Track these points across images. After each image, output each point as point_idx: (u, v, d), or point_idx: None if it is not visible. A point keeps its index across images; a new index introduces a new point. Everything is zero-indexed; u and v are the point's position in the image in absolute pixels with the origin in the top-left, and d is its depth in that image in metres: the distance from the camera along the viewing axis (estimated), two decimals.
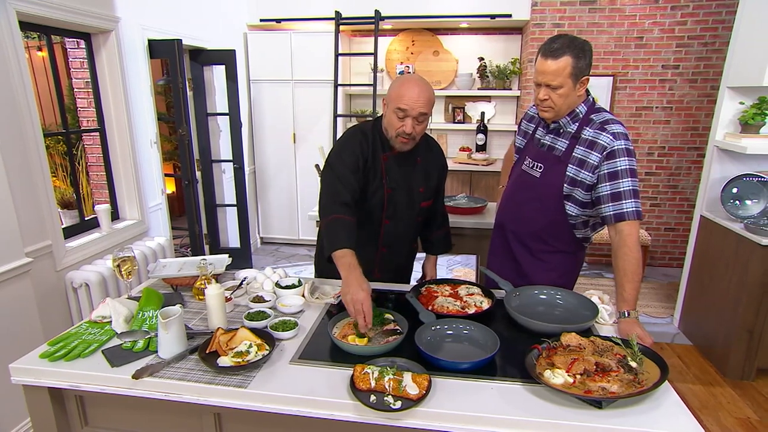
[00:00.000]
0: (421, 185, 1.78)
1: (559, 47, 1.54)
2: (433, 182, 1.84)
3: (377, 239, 1.80)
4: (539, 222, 1.74)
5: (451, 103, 4.88)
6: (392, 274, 1.90)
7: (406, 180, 1.75)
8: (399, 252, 1.87)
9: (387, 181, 1.70)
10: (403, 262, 1.96)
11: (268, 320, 1.46)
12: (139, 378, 1.22)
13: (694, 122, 4.14)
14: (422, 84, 1.59)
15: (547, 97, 1.59)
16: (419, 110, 1.56)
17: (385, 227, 1.78)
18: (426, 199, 1.82)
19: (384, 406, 1.10)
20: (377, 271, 1.87)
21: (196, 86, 3.97)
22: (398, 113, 1.58)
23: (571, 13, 4.08)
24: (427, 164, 1.81)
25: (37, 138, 2.27)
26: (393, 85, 1.63)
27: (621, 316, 1.48)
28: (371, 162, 1.68)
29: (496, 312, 1.58)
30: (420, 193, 1.78)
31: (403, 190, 1.74)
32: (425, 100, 1.57)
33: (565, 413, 1.10)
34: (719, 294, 2.88)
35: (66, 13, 2.43)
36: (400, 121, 1.58)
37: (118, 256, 1.65)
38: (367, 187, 1.69)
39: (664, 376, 1.17)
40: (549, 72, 1.55)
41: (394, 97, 1.59)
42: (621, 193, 1.54)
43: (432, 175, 1.83)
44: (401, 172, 1.73)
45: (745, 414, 2.47)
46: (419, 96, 1.55)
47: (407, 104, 1.55)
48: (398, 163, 1.73)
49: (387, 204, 1.73)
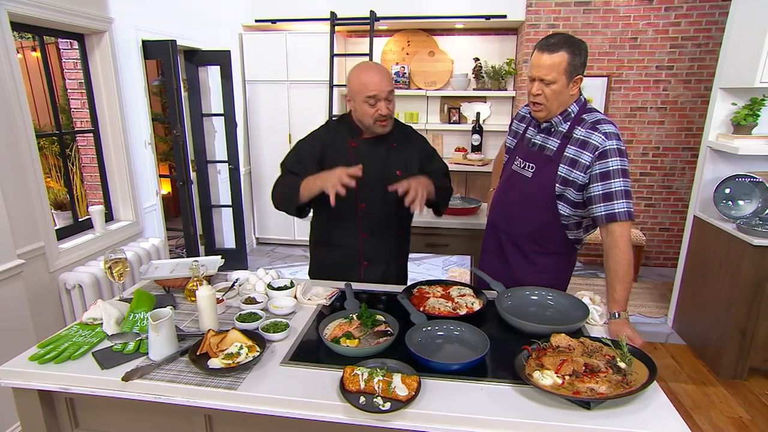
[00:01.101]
0: (398, 168, 1.79)
1: (556, 42, 1.55)
2: (415, 165, 1.84)
3: (356, 225, 1.82)
4: (531, 223, 1.74)
5: (447, 103, 4.89)
6: (382, 263, 1.87)
7: (380, 163, 1.78)
8: (383, 239, 1.84)
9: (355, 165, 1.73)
10: (391, 250, 1.90)
11: (259, 322, 1.46)
12: (129, 380, 1.22)
13: (688, 123, 4.16)
14: (378, 66, 1.70)
15: (540, 92, 1.59)
16: (386, 90, 1.66)
17: (362, 212, 1.80)
18: None
19: (373, 408, 1.10)
20: (363, 260, 1.85)
21: (191, 87, 3.97)
22: (369, 101, 1.66)
23: (565, 13, 4.09)
24: (404, 149, 1.84)
25: (29, 139, 2.26)
26: (351, 79, 1.70)
27: (611, 317, 1.48)
28: (333, 147, 1.78)
29: (488, 313, 1.59)
30: (398, 176, 1.74)
31: (376, 173, 1.76)
32: (387, 79, 1.67)
33: (554, 414, 1.11)
34: (712, 294, 2.89)
35: (58, 13, 2.43)
36: (373, 108, 1.67)
37: (110, 258, 1.65)
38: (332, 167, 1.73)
39: (652, 376, 1.18)
40: (544, 66, 1.56)
41: (359, 89, 1.66)
42: (613, 193, 1.54)
43: (412, 159, 1.84)
44: (374, 156, 1.78)
45: (737, 413, 2.49)
46: (381, 78, 1.65)
47: (375, 90, 1.64)
48: (371, 147, 1.78)
49: (359, 188, 1.72)
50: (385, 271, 1.89)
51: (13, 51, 2.18)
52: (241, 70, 4.60)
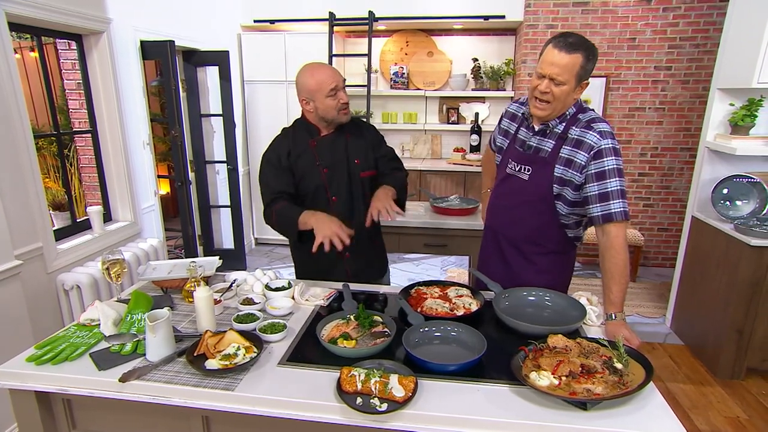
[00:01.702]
0: (356, 157, 1.88)
1: (574, 43, 1.49)
2: (369, 153, 1.93)
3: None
4: (531, 224, 1.74)
5: (446, 103, 4.89)
6: (362, 251, 1.91)
7: (341, 155, 1.86)
8: (360, 229, 1.83)
9: (321, 163, 1.84)
10: (368, 236, 1.92)
11: (257, 323, 1.46)
12: (126, 381, 1.22)
13: (687, 123, 4.16)
14: (323, 63, 1.83)
15: (549, 90, 1.53)
16: (341, 79, 1.77)
17: (335, 205, 1.86)
18: (365, 169, 1.91)
19: (370, 409, 1.10)
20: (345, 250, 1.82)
21: (189, 87, 3.96)
22: (331, 94, 1.75)
23: (564, 14, 4.10)
24: (358, 138, 1.92)
25: (27, 139, 2.26)
26: (304, 81, 1.77)
27: (608, 318, 1.48)
28: (295, 151, 1.84)
29: (485, 314, 1.59)
30: (357, 164, 1.88)
31: (339, 166, 1.85)
32: (336, 72, 1.78)
33: (551, 415, 1.11)
34: (710, 294, 2.90)
35: (56, 14, 2.43)
36: (335, 99, 1.76)
37: (108, 258, 1.65)
38: (301, 174, 1.84)
39: (648, 377, 1.18)
40: (558, 65, 1.49)
41: (318, 87, 1.75)
42: (609, 193, 1.53)
43: (365, 148, 1.92)
44: (333, 150, 1.86)
45: (735, 413, 2.49)
46: (333, 71, 1.77)
47: (334, 81, 1.74)
48: (329, 143, 1.86)
49: (328, 182, 1.85)
50: (367, 259, 1.96)
51: (11, 51, 2.18)
52: (239, 71, 4.60)
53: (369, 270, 1.98)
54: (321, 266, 1.88)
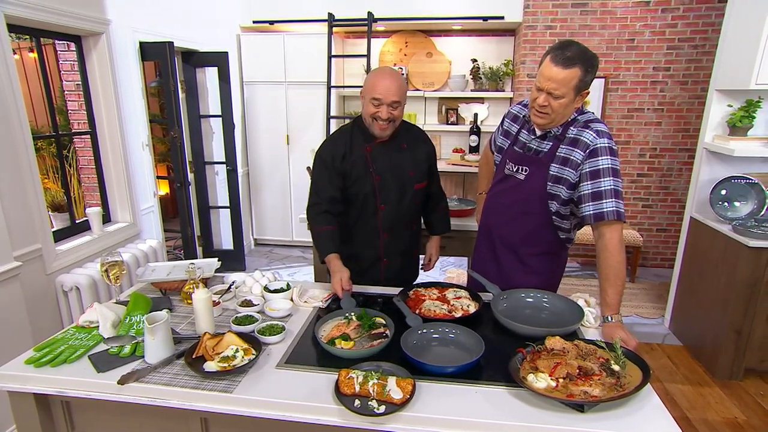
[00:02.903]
0: (410, 169, 1.88)
1: (572, 56, 1.48)
2: (423, 165, 1.92)
3: (377, 226, 1.88)
4: (525, 225, 1.74)
5: (445, 104, 4.89)
6: (399, 258, 1.96)
7: (395, 165, 1.85)
8: (400, 236, 1.92)
9: (374, 170, 1.82)
10: (407, 246, 1.98)
11: (255, 324, 1.47)
12: (124, 383, 1.22)
13: (685, 124, 4.17)
14: (394, 75, 1.74)
15: (547, 103, 1.55)
16: (392, 98, 1.71)
17: (382, 213, 1.86)
18: (418, 181, 1.91)
19: (368, 411, 1.11)
20: (384, 257, 1.93)
21: (188, 88, 3.97)
22: (374, 102, 1.72)
23: (563, 15, 4.10)
24: (414, 149, 1.91)
25: (26, 140, 2.26)
26: (368, 78, 1.76)
27: (604, 320, 1.49)
28: (350, 155, 1.82)
29: (484, 315, 1.59)
30: (410, 176, 1.88)
31: (392, 176, 1.85)
32: (396, 89, 1.71)
33: (548, 417, 1.11)
34: (708, 295, 2.90)
35: (55, 15, 2.43)
36: (375, 108, 1.73)
37: (107, 260, 1.65)
38: (353, 179, 1.83)
39: (645, 379, 1.19)
40: (555, 80, 1.49)
41: (369, 89, 1.73)
42: (602, 192, 1.53)
43: (420, 159, 1.91)
44: (388, 159, 1.84)
45: (733, 414, 2.50)
46: (391, 85, 1.70)
47: (381, 94, 1.70)
48: (384, 151, 1.84)
49: (379, 191, 1.84)
50: (402, 265, 1.98)
51: (10, 52, 2.18)
52: (238, 71, 4.60)
53: (402, 274, 2.00)
54: (360, 266, 1.91)
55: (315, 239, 1.84)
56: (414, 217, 1.98)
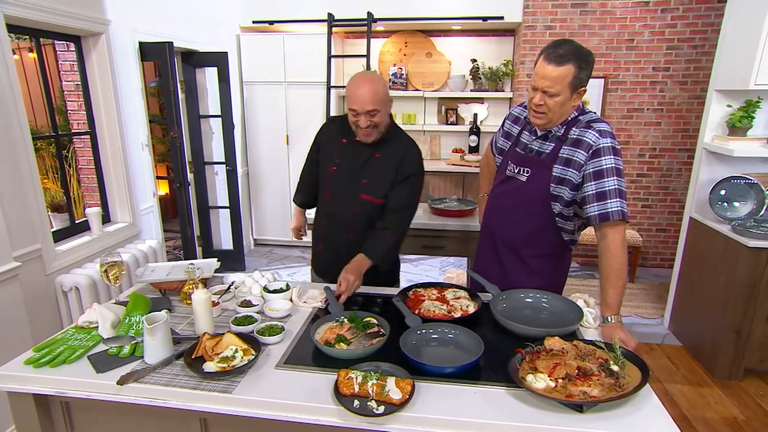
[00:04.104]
0: (366, 177, 1.82)
1: (564, 54, 1.48)
2: (386, 182, 1.80)
3: (322, 212, 1.98)
4: (528, 226, 1.74)
5: (444, 104, 4.89)
6: (331, 253, 1.94)
7: (353, 166, 1.84)
8: (337, 235, 1.90)
9: (334, 161, 1.88)
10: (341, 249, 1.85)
11: (255, 325, 1.47)
12: (124, 384, 1.22)
13: (685, 124, 4.17)
14: (369, 82, 1.69)
15: (543, 102, 1.55)
16: (366, 108, 1.68)
17: (327, 203, 1.92)
18: (369, 193, 1.81)
19: (367, 411, 1.11)
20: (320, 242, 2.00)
21: (188, 88, 3.97)
22: (352, 112, 1.72)
23: (562, 15, 4.10)
24: (385, 162, 1.80)
25: (25, 140, 2.26)
26: (347, 85, 1.75)
27: (604, 320, 1.49)
28: (328, 141, 1.92)
29: (483, 316, 1.59)
30: (362, 184, 1.81)
31: (346, 174, 1.85)
32: (370, 98, 1.66)
33: (547, 417, 1.11)
34: (708, 295, 2.91)
35: (55, 16, 2.43)
36: (354, 118, 1.73)
37: (106, 261, 1.65)
38: (321, 160, 1.94)
39: (645, 379, 1.19)
40: (549, 78, 1.50)
41: (347, 98, 1.74)
42: (606, 192, 1.52)
43: (386, 175, 1.80)
44: (352, 158, 1.85)
45: (733, 414, 2.50)
46: (364, 94, 1.67)
47: (356, 104, 1.68)
48: (354, 149, 1.85)
49: (329, 181, 1.89)
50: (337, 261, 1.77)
51: (9, 53, 2.18)
52: (238, 72, 4.60)
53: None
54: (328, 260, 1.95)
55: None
56: (355, 227, 1.85)
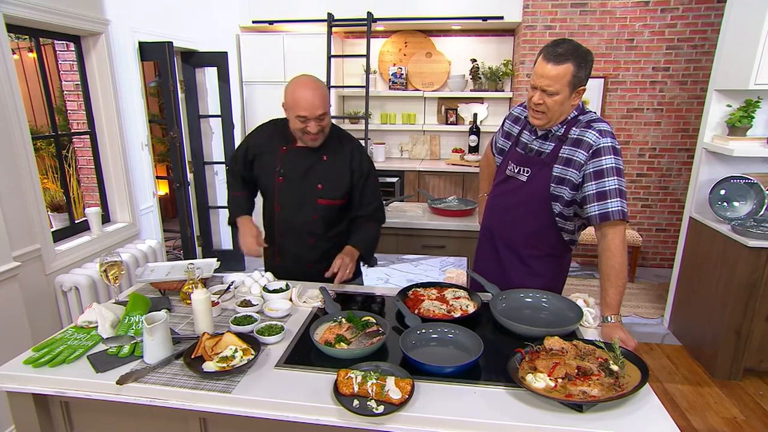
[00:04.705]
0: (320, 182, 1.80)
1: (563, 52, 1.49)
2: (342, 183, 1.81)
3: (273, 224, 1.91)
4: (528, 226, 1.74)
5: (444, 104, 4.89)
6: (290, 262, 1.92)
7: (303, 173, 1.80)
8: (295, 243, 1.88)
9: (279, 171, 1.82)
10: (303, 255, 1.89)
11: (254, 324, 1.47)
12: (123, 384, 1.22)
13: (684, 124, 4.17)
14: (314, 86, 1.67)
15: (542, 101, 1.55)
16: (317, 113, 1.65)
17: (278, 214, 1.87)
18: (327, 197, 1.81)
19: (367, 411, 1.11)
20: (277, 256, 1.96)
21: (188, 88, 3.96)
22: (300, 119, 1.67)
23: (562, 15, 4.11)
24: (335, 163, 1.81)
25: (25, 140, 2.26)
26: (287, 92, 1.70)
27: (604, 320, 1.49)
28: (264, 148, 1.86)
29: (483, 315, 1.59)
30: (318, 189, 1.80)
31: (296, 182, 1.81)
32: (320, 101, 1.65)
33: (547, 417, 1.11)
34: (708, 295, 2.91)
35: (54, 16, 2.43)
36: (303, 124, 1.68)
37: (105, 261, 1.65)
38: (260, 174, 1.88)
39: (644, 379, 1.19)
40: (548, 76, 1.50)
41: (291, 105, 1.67)
42: (606, 192, 1.53)
43: (340, 175, 1.81)
44: (299, 165, 1.80)
45: (732, 414, 2.50)
46: (314, 99, 1.64)
47: (306, 110, 1.64)
48: (299, 156, 1.81)
49: (277, 192, 1.84)
50: (299, 272, 1.88)
51: (9, 53, 2.18)
52: (238, 72, 4.60)
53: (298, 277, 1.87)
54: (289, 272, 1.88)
55: (228, 203, 1.99)
56: (315, 232, 1.86)
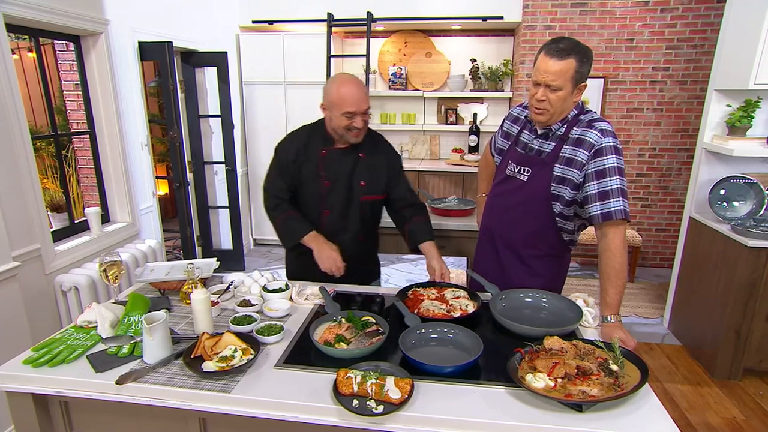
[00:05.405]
0: (362, 179, 1.84)
1: (565, 48, 1.50)
2: (380, 177, 1.88)
3: (320, 229, 1.87)
4: (528, 226, 1.74)
5: (444, 104, 4.89)
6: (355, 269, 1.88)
7: (347, 173, 1.82)
8: (345, 245, 1.87)
9: (325, 174, 1.82)
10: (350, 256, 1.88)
11: (254, 324, 1.47)
12: (122, 384, 1.22)
13: (684, 124, 4.17)
14: (357, 82, 1.73)
15: (545, 98, 1.55)
16: (364, 107, 1.71)
17: (326, 218, 1.86)
18: (369, 193, 1.87)
19: (366, 411, 1.11)
20: None
21: (187, 88, 3.96)
22: (347, 115, 1.70)
23: (562, 15, 4.10)
24: (372, 159, 1.87)
25: (24, 140, 2.26)
26: (331, 90, 1.72)
27: (604, 320, 1.49)
28: (304, 155, 1.84)
29: (482, 315, 1.59)
30: (361, 186, 1.84)
31: (342, 183, 1.83)
32: (365, 96, 1.72)
33: (546, 417, 1.11)
34: (707, 295, 2.90)
35: (54, 15, 2.42)
36: (349, 120, 1.71)
37: (105, 261, 1.65)
38: (302, 180, 1.85)
39: (644, 379, 1.19)
40: (552, 71, 1.51)
41: (337, 102, 1.70)
42: (609, 191, 1.53)
43: (378, 170, 1.87)
44: (341, 166, 1.83)
45: (732, 414, 2.50)
46: (359, 94, 1.70)
47: (353, 105, 1.69)
48: (339, 156, 1.83)
49: (326, 195, 1.84)
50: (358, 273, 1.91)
51: (9, 53, 2.18)
52: (238, 72, 4.60)
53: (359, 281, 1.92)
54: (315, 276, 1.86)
55: (282, 227, 1.86)
56: (362, 229, 1.91)
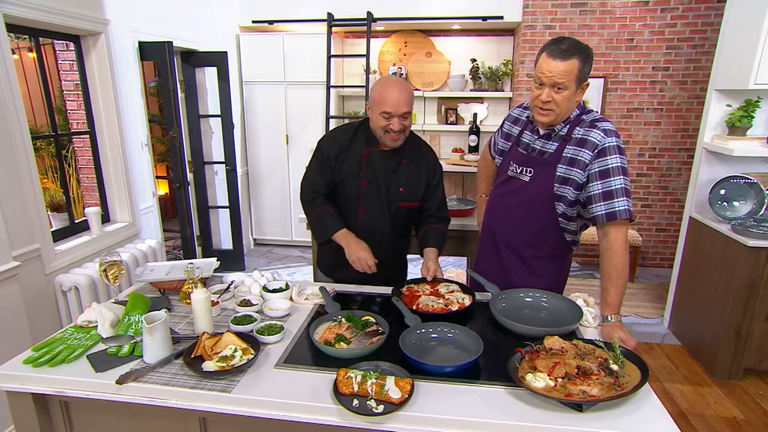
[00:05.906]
0: (402, 185, 1.84)
1: (568, 49, 1.50)
2: (419, 184, 1.87)
3: (356, 230, 1.86)
4: (530, 227, 1.73)
5: (444, 104, 4.89)
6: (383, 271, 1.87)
7: (386, 177, 1.82)
8: (378, 245, 1.86)
9: (365, 175, 1.82)
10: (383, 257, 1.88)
11: (254, 324, 1.47)
12: (122, 383, 1.22)
13: (684, 124, 4.17)
14: (402, 85, 1.72)
15: (551, 98, 1.54)
16: (402, 110, 1.69)
17: (362, 218, 1.87)
18: (407, 200, 1.87)
19: (366, 411, 1.11)
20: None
21: (187, 88, 3.96)
22: (384, 116, 1.70)
23: (562, 15, 4.10)
24: (415, 167, 1.86)
25: (24, 140, 2.26)
26: (375, 90, 1.73)
27: (604, 320, 1.49)
28: (346, 153, 1.83)
29: (482, 315, 1.59)
30: (399, 192, 1.84)
31: (380, 186, 1.83)
32: (405, 99, 1.70)
33: (547, 417, 1.11)
34: (708, 295, 2.90)
35: (54, 15, 2.42)
36: (386, 121, 1.71)
37: (105, 260, 1.65)
38: (342, 177, 1.84)
39: (644, 379, 1.19)
40: (557, 72, 1.50)
41: (378, 101, 1.70)
42: (613, 191, 1.52)
43: (418, 177, 1.86)
44: (382, 169, 1.82)
45: (732, 413, 2.50)
46: (400, 96, 1.68)
47: (392, 107, 1.68)
48: (382, 159, 1.82)
49: (363, 195, 1.84)
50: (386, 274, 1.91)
51: (9, 53, 2.18)
52: (238, 71, 4.60)
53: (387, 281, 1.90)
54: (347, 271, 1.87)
55: (316, 221, 1.86)
56: (395, 234, 1.92)
